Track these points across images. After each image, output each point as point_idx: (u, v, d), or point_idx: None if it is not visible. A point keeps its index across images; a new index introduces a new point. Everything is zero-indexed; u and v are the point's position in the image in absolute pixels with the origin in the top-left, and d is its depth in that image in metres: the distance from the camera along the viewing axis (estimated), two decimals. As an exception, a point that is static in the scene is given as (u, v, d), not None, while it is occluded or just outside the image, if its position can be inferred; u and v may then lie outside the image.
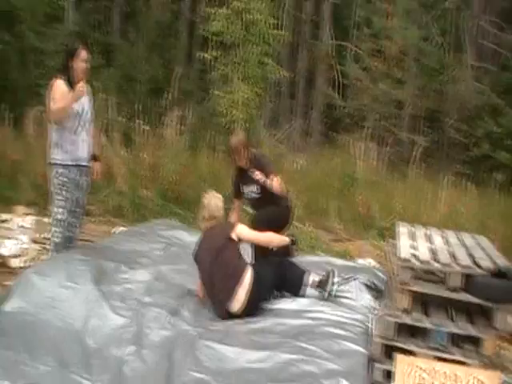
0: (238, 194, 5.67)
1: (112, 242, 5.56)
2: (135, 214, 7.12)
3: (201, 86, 15.05)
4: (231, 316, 4.27)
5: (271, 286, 4.53)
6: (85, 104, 5.11)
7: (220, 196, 4.84)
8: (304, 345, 3.78)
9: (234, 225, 4.64)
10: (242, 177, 5.62)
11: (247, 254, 5.03)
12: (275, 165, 6.33)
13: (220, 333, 3.95)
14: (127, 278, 4.62)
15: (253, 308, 4.33)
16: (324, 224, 7.79)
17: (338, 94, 15.34)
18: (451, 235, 4.89)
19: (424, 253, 4.19)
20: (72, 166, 5.02)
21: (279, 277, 4.54)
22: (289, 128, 15.16)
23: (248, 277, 4.32)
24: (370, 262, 6.50)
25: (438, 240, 4.64)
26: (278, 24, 10.45)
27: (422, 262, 4.00)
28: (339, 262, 5.46)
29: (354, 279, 4.88)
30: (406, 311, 3.96)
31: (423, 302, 4.19)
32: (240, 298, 4.27)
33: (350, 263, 5.70)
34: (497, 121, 14.02)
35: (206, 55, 10.25)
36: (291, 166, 9.55)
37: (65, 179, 4.99)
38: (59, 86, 4.91)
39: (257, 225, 5.05)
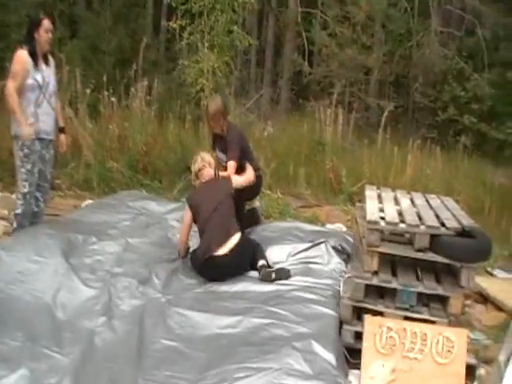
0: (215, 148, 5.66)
1: (80, 214, 5.49)
2: (103, 186, 6.99)
3: (168, 56, 14.83)
4: (217, 259, 4.40)
5: (250, 258, 4.62)
6: (49, 77, 5.03)
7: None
8: (274, 309, 3.83)
9: (230, 179, 4.94)
10: (216, 142, 5.61)
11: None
12: (246, 133, 6.28)
13: (191, 299, 3.98)
14: (97, 249, 4.59)
15: (237, 263, 4.50)
16: (292, 191, 7.77)
17: (306, 60, 15.26)
18: (418, 197, 4.95)
19: (391, 214, 4.24)
20: (35, 138, 4.93)
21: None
22: (257, 96, 15.08)
23: (237, 237, 4.56)
24: (339, 226, 6.57)
25: (405, 202, 4.69)
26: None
27: (388, 223, 4.06)
28: (308, 227, 5.49)
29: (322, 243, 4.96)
30: (374, 273, 4.03)
31: (391, 264, 4.26)
32: (229, 245, 4.49)
33: (319, 228, 5.75)
34: (463, 85, 14.12)
35: (172, 24, 10.06)
36: (259, 134, 9.49)
37: (28, 151, 4.91)
38: (20, 56, 4.81)
39: None
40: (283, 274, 4.43)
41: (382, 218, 4.13)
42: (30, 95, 4.84)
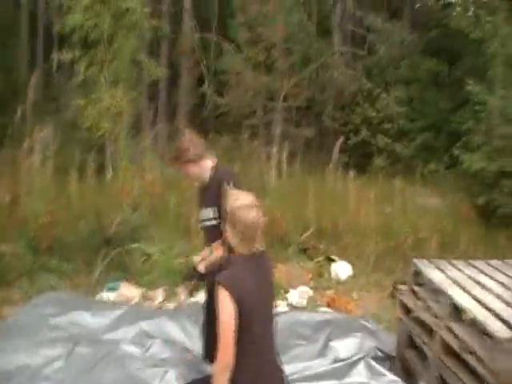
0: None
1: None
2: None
3: (56, 96, 12.61)
4: None
5: None
6: None
7: None
8: None
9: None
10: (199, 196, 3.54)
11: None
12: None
13: None
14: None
15: None
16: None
17: (209, 88, 13.83)
18: (494, 273, 3.56)
19: (506, 312, 2.84)
20: None
21: None
22: (152, 134, 13.34)
23: None
24: (305, 290, 5.54)
25: (490, 283, 3.32)
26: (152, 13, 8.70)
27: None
28: (313, 317, 3.97)
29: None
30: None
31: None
32: None
33: (328, 316, 4.33)
34: (373, 106, 13.52)
35: (60, 57, 8.13)
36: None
37: None
38: None
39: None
40: None
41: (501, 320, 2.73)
42: None
